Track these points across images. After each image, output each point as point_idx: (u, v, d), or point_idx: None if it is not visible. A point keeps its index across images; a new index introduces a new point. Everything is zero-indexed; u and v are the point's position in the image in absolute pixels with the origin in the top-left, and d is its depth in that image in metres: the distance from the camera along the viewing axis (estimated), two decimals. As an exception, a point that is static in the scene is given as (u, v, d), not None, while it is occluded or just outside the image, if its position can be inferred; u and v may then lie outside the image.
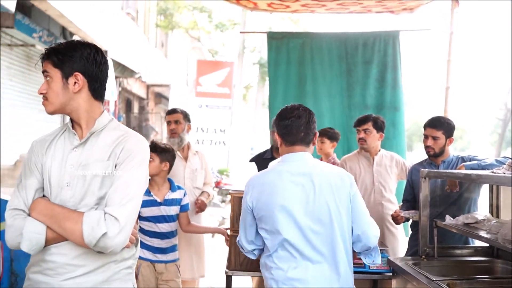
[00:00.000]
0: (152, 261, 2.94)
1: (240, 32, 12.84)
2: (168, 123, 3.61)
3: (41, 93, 1.59)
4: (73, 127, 1.66)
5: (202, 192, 3.71)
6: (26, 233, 1.51)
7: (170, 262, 2.99)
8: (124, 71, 11.84)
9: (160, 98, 18.70)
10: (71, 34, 9.22)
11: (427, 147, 3.03)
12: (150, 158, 2.88)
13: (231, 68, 13.37)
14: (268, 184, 2.06)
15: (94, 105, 1.66)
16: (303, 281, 1.96)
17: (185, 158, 3.63)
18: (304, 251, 1.98)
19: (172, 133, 3.58)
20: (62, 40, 9.26)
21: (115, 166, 1.59)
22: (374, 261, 2.12)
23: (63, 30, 9.19)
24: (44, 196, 1.62)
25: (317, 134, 2.19)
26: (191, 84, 20.72)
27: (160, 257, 2.96)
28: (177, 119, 3.61)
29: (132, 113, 15.45)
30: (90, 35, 8.74)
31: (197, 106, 13.00)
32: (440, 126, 3.00)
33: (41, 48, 8.45)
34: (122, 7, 12.89)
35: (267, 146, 3.93)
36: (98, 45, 1.70)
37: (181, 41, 19.78)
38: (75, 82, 1.60)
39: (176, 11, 14.46)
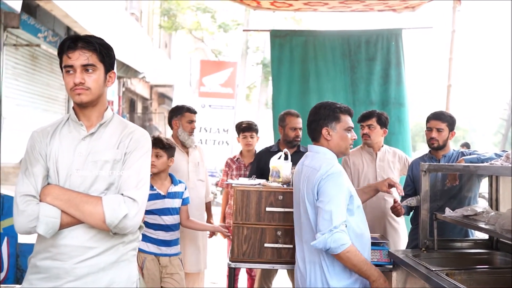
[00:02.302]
0: (156, 255, 2.99)
1: (243, 30, 12.83)
2: (191, 121, 3.69)
3: (80, 82, 1.66)
4: (78, 118, 1.74)
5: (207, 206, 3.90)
6: (43, 217, 1.58)
7: (174, 255, 3.05)
8: (128, 71, 11.92)
9: (164, 98, 18.78)
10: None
11: (431, 139, 3.08)
12: (160, 155, 2.98)
13: (234, 68, 13.41)
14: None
15: (106, 100, 1.81)
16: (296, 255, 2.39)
17: (187, 153, 3.70)
18: (296, 231, 2.39)
19: (192, 131, 3.69)
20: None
21: (124, 155, 1.71)
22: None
23: (68, 30, 9.26)
24: (48, 183, 1.69)
25: (325, 130, 2.31)
26: (194, 84, 20.78)
27: (165, 250, 3.01)
28: (196, 119, 3.75)
29: (136, 113, 15.53)
30: (95, 35, 8.80)
31: (200, 106, 13.05)
32: (444, 118, 3.08)
33: (46, 48, 8.52)
34: (126, 8, 12.97)
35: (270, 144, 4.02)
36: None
37: (184, 41, 19.85)
38: (109, 79, 1.76)
39: (180, 12, 14.51)
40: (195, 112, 3.76)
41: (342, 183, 2.17)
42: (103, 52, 1.71)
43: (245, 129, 4.05)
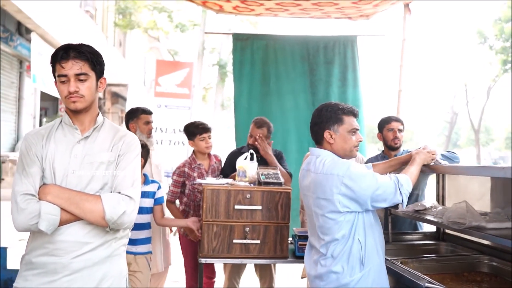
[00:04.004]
0: None
1: (205, 33, 12.85)
2: (148, 122, 3.73)
3: (74, 91, 1.75)
4: (73, 123, 1.84)
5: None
6: (44, 215, 1.67)
7: (140, 254, 3.05)
8: (81, 69, 11.62)
9: (117, 98, 18.40)
10: (27, 30, 9.00)
11: (395, 139, 3.33)
12: None
13: (190, 69, 13.37)
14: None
15: (97, 105, 1.92)
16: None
17: None
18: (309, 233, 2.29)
19: (150, 132, 3.73)
20: (18, 37, 9.06)
21: (118, 157, 1.83)
22: None
23: (19, 25, 8.96)
24: (44, 183, 1.77)
25: (327, 133, 2.21)
26: (148, 84, 20.53)
27: (130, 247, 3.00)
28: (152, 119, 3.77)
29: (89, 113, 15.13)
30: (49, 32, 8.57)
31: (156, 106, 12.94)
32: (402, 121, 3.40)
33: (-4, 44, 8.21)
34: (81, 5, 12.67)
35: (227, 145, 4.09)
36: (57, 43, 1.87)
37: (139, 40, 19.56)
38: (100, 84, 1.85)
39: (136, 10, 14.31)
40: (150, 113, 3.78)
41: (360, 166, 2.13)
42: (94, 60, 1.80)
43: (203, 130, 3.69)
